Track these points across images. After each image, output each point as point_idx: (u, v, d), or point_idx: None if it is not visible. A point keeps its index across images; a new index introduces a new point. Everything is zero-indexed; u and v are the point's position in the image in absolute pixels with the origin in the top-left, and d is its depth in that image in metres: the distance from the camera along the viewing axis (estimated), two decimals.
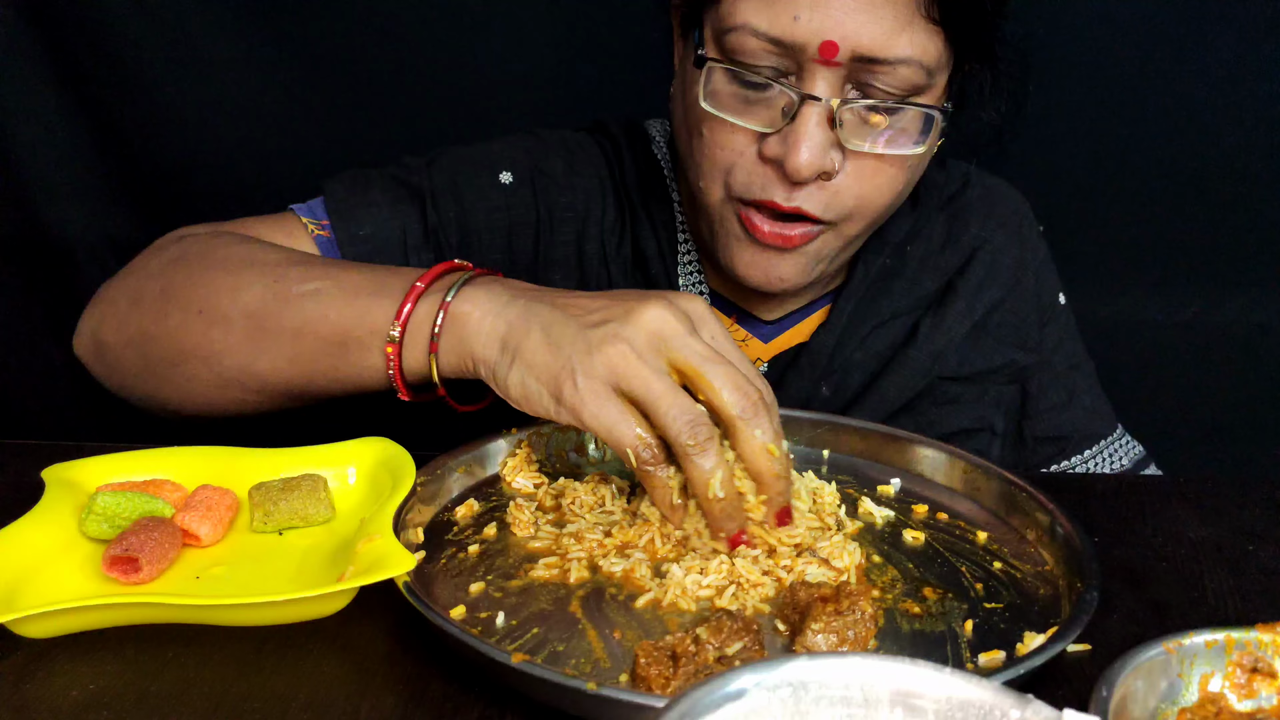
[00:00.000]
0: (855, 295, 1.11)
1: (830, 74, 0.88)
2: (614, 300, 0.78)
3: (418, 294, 0.82)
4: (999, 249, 1.14)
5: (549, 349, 0.75)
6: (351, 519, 0.81)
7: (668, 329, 0.74)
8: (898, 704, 0.45)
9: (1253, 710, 0.59)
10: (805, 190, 0.92)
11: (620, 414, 0.73)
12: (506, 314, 0.79)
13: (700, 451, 0.73)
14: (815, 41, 0.87)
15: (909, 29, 0.87)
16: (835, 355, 1.10)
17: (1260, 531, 0.87)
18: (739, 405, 0.73)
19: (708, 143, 0.95)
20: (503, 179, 1.09)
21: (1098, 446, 1.20)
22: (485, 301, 0.80)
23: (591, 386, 0.73)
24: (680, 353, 0.74)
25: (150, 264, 0.97)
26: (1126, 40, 1.37)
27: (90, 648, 0.67)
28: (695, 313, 0.78)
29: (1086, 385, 1.21)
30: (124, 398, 1.00)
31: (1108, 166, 1.44)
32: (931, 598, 0.74)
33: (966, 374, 1.13)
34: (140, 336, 0.93)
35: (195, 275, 0.92)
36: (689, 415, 0.72)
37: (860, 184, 0.94)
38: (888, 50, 0.87)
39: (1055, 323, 1.19)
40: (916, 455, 0.93)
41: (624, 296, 0.78)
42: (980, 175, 1.19)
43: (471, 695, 0.64)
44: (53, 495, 0.78)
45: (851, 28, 0.86)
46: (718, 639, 0.64)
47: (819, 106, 0.89)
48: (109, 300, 0.98)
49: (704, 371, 0.74)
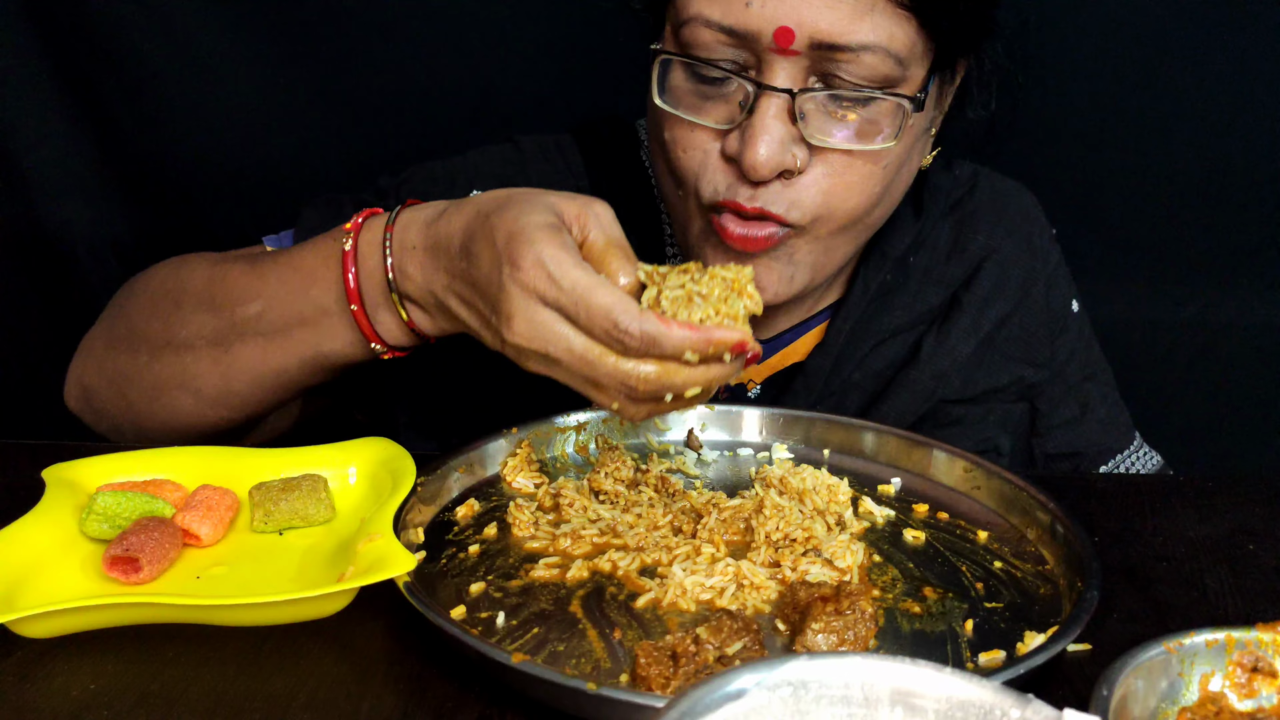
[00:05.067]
0: (854, 313, 1.06)
1: (789, 64, 0.84)
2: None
3: (352, 257, 0.83)
4: (1007, 259, 1.09)
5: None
6: (352, 519, 0.81)
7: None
8: (898, 703, 0.45)
9: (1253, 710, 0.59)
10: (768, 190, 0.87)
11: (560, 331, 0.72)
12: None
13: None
14: (770, 29, 0.83)
15: (872, 13, 0.83)
16: (832, 377, 1.06)
17: (1260, 531, 0.87)
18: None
19: (670, 145, 0.91)
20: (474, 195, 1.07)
21: (1114, 461, 1.15)
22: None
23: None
24: None
25: (123, 303, 1.00)
26: (1127, 40, 1.37)
27: (90, 648, 0.67)
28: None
29: (1101, 396, 1.15)
30: (117, 440, 1.01)
31: (1108, 166, 1.44)
32: (932, 597, 0.74)
33: (971, 395, 1.08)
34: (117, 376, 0.96)
35: (150, 310, 0.95)
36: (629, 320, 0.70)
37: (828, 182, 0.88)
38: (848, 35, 0.83)
39: (1067, 332, 1.13)
40: (917, 455, 0.92)
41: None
42: (990, 177, 1.13)
43: (471, 695, 0.64)
44: (53, 495, 0.78)
45: (809, 13, 0.82)
46: (718, 639, 0.64)
47: (777, 98, 0.85)
48: (88, 347, 1.00)
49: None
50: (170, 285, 0.95)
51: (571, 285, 0.70)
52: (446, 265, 0.78)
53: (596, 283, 0.70)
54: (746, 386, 1.09)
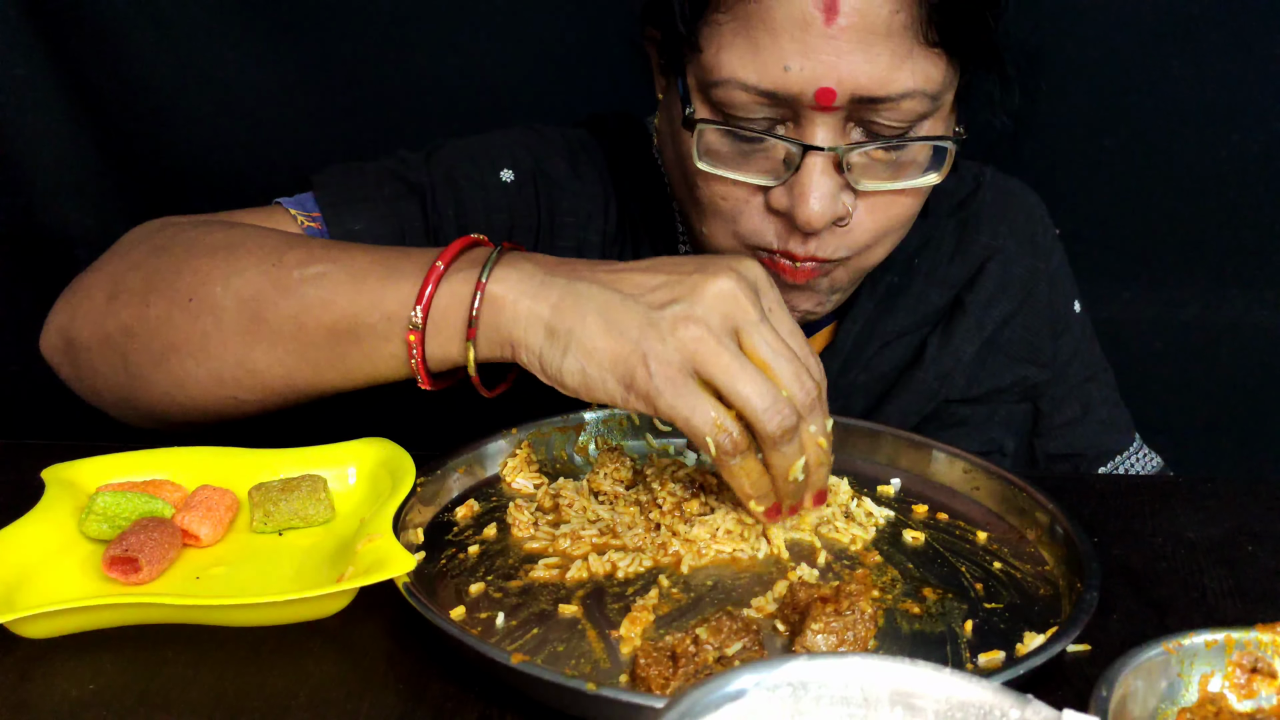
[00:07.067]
0: (861, 316, 1.06)
1: (830, 119, 0.83)
2: (672, 274, 0.74)
3: (439, 275, 0.76)
4: (1010, 259, 1.09)
5: (611, 334, 0.71)
6: (351, 519, 0.81)
7: (739, 309, 0.72)
8: (897, 704, 0.45)
9: (1253, 710, 0.59)
10: (819, 238, 0.88)
11: (698, 400, 0.70)
12: (547, 295, 0.74)
13: (787, 439, 0.71)
14: (810, 90, 0.81)
15: (909, 60, 0.82)
16: (840, 379, 1.06)
17: (1260, 531, 0.87)
18: (802, 402, 0.72)
19: (707, 194, 0.90)
20: (504, 176, 1.03)
21: (1114, 462, 1.15)
22: (518, 282, 0.75)
23: (667, 373, 0.70)
24: (751, 338, 0.72)
25: (131, 254, 0.89)
26: (1128, 41, 1.37)
27: (90, 648, 0.67)
28: (757, 280, 0.75)
29: (1103, 396, 1.15)
30: (96, 404, 0.93)
31: (1107, 166, 1.44)
32: (931, 598, 0.74)
33: (975, 395, 1.08)
34: (120, 332, 0.86)
35: (181, 262, 0.84)
36: (773, 402, 0.70)
37: (874, 219, 0.89)
38: (889, 87, 0.82)
39: (1070, 333, 1.13)
40: (916, 455, 0.92)
41: (680, 267, 0.74)
42: (995, 177, 1.13)
43: (471, 695, 0.64)
44: (53, 495, 0.78)
45: (847, 70, 0.81)
46: (717, 639, 0.64)
47: (824, 155, 0.84)
48: (83, 293, 0.89)
49: (772, 365, 0.72)
50: (211, 239, 0.86)
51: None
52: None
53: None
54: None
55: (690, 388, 0.70)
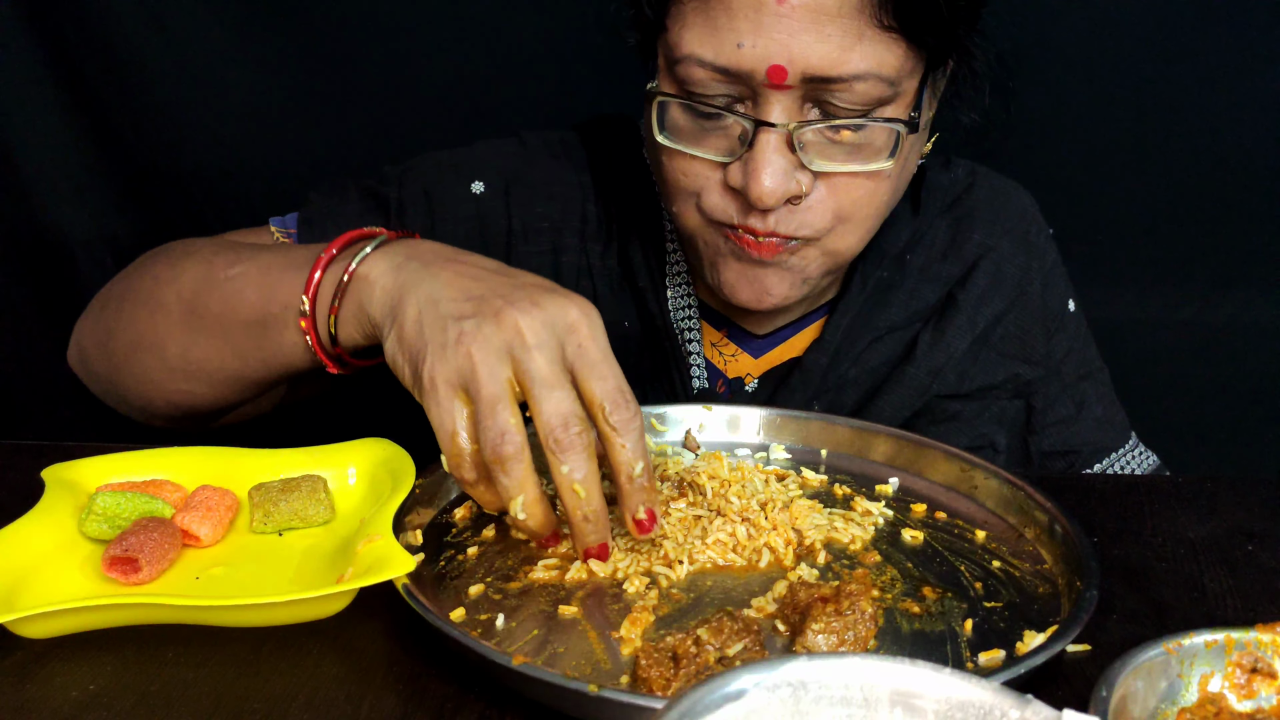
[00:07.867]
0: (851, 309, 1.07)
1: (784, 97, 0.86)
2: (495, 289, 0.75)
3: (325, 263, 0.82)
4: (1003, 257, 1.10)
5: (417, 328, 0.74)
6: (351, 520, 0.81)
7: (518, 342, 0.71)
8: (897, 704, 0.46)
9: (1252, 710, 0.59)
10: (776, 215, 0.90)
11: (450, 417, 0.72)
12: (400, 276, 0.78)
13: (501, 469, 0.70)
14: (762, 67, 0.84)
15: (861, 42, 0.84)
16: (829, 372, 1.07)
17: (1260, 531, 0.87)
18: (551, 436, 0.70)
19: (671, 171, 0.94)
20: (474, 188, 1.08)
21: (1108, 460, 1.15)
22: (382, 263, 0.79)
23: (436, 381, 0.72)
24: (521, 367, 0.71)
25: (129, 270, 1.01)
26: (1126, 39, 1.37)
27: (90, 648, 0.67)
28: (566, 321, 0.73)
29: (1098, 395, 1.16)
30: (110, 405, 1.03)
31: (1106, 166, 1.44)
32: (931, 597, 0.74)
33: (966, 390, 1.09)
34: (106, 335, 0.98)
35: (146, 271, 0.96)
36: (498, 433, 0.70)
37: (834, 201, 0.91)
38: (840, 68, 0.84)
39: (1064, 331, 1.14)
40: (914, 454, 0.93)
41: (505, 289, 0.75)
42: (987, 176, 1.14)
43: (471, 696, 0.64)
44: (53, 495, 0.78)
45: (798, 49, 0.83)
46: (718, 640, 0.64)
47: (775, 131, 0.86)
48: (90, 309, 1.03)
49: (533, 393, 0.71)
50: (176, 250, 0.97)
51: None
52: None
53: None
54: (744, 380, 1.09)
55: (451, 401, 0.72)
